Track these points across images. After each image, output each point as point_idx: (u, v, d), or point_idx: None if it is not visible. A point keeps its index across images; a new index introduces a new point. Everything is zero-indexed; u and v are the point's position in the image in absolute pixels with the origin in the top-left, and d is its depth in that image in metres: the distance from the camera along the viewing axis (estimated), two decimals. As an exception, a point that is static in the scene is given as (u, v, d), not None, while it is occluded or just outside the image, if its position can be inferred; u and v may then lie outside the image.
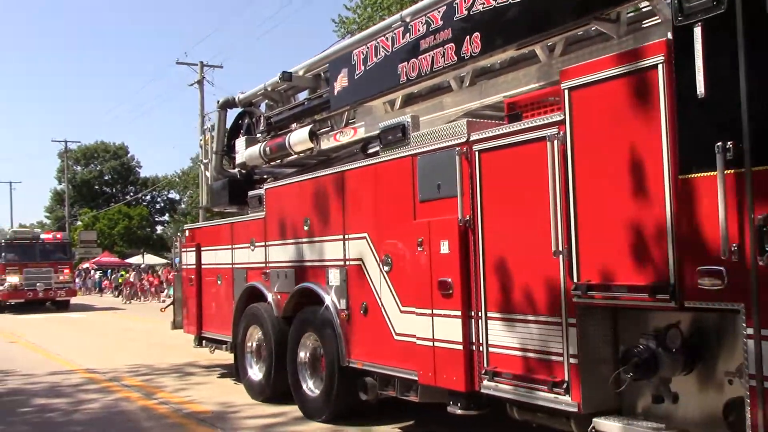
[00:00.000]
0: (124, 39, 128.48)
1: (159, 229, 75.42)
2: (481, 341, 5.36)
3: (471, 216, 5.46)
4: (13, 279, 27.46)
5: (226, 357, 10.28)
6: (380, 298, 6.39)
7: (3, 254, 28.09)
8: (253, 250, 8.57)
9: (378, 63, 7.02)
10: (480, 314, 5.37)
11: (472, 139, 5.46)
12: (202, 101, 35.82)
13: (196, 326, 9.96)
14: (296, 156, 8.70)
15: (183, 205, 69.22)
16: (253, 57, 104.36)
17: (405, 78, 6.69)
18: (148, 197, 73.55)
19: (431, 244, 5.71)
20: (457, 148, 5.52)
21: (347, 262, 6.85)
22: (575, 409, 4.63)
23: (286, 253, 7.85)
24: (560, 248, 4.68)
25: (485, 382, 5.31)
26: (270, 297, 8.10)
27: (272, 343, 8.07)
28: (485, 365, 5.31)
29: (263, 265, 8.32)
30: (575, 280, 4.58)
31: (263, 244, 8.33)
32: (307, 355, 7.52)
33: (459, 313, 5.47)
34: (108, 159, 73.81)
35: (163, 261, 52.80)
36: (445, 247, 5.59)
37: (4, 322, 23.73)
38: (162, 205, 75.98)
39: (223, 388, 9.61)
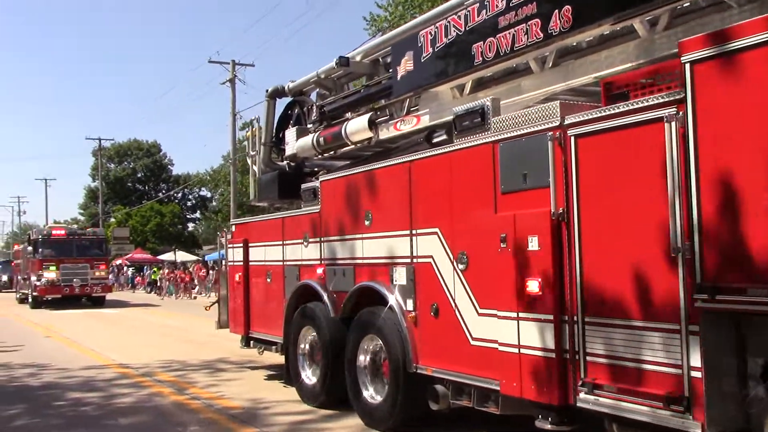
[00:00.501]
0: (157, 38, 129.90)
1: (190, 226, 75.84)
2: (576, 349, 4.78)
3: (564, 208, 4.88)
4: (50, 274, 27.47)
5: (258, 354, 10.21)
6: (454, 299, 5.84)
7: (40, 250, 28.14)
8: (306, 246, 8.08)
9: (449, 44, 6.47)
10: (576, 319, 4.79)
11: (566, 122, 4.89)
12: (234, 99, 35.96)
13: (243, 326, 9.50)
14: (352, 146, 8.19)
15: (214, 203, 69.34)
16: (286, 55, 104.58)
17: (480, 59, 6.13)
18: (180, 195, 73.91)
19: (517, 240, 5.14)
20: (549, 133, 4.95)
21: (415, 260, 6.32)
22: (698, 430, 4.03)
23: (344, 250, 7.34)
24: (680, 245, 4.09)
25: (582, 395, 4.73)
26: (326, 296, 7.60)
27: (328, 345, 7.56)
28: (582, 376, 4.73)
29: (318, 262, 7.82)
30: (699, 281, 3.99)
31: (318, 239, 7.83)
32: (368, 359, 6.99)
33: (551, 317, 4.90)
34: (141, 157, 74.33)
35: (194, 258, 52.93)
36: (534, 244, 5.03)
37: (41, 317, 23.77)
38: (193, 202, 76.32)
39: (254, 385, 9.51)
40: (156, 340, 15.99)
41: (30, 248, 29.33)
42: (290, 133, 9.28)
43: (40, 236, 28.97)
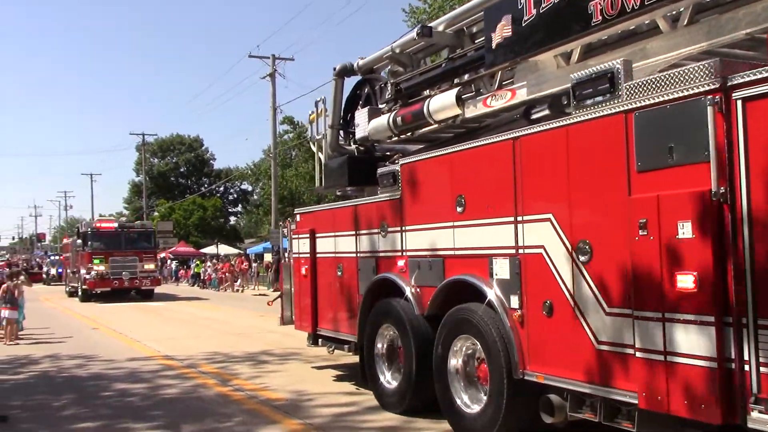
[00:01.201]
0: (198, 34, 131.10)
1: (232, 219, 76.21)
2: (746, 358, 3.94)
3: (727, 188, 4.04)
4: (99, 268, 27.35)
5: (299, 345, 10.15)
6: (572, 296, 5.03)
7: (89, 243, 28.01)
8: (384, 237, 7.34)
9: (558, 2, 5.63)
10: (745, 321, 3.95)
11: (730, 83, 4.03)
12: (274, 93, 35.86)
13: (310, 323, 8.81)
14: (434, 126, 7.42)
15: (255, 197, 69.44)
16: (326, 49, 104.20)
17: (600, 18, 5.28)
18: (222, 189, 74.26)
19: (662, 227, 4.31)
20: (708, 97, 4.10)
21: (521, 250, 5.52)
22: None
23: (431, 240, 6.57)
24: None
25: (755, 414, 3.90)
26: (408, 291, 6.86)
27: (412, 346, 6.81)
28: (755, 391, 3.89)
29: (399, 253, 7.08)
30: None
31: (399, 229, 7.09)
32: (461, 362, 6.23)
33: (711, 318, 4.06)
34: (183, 151, 74.89)
35: (236, 251, 53.02)
36: (686, 230, 4.19)
37: (90, 309, 23.69)
38: (235, 196, 76.69)
39: (297, 377, 9.47)
40: (201, 332, 15.96)
41: (79, 241, 29.23)
42: (361, 114, 8.55)
43: (89, 229, 28.84)
